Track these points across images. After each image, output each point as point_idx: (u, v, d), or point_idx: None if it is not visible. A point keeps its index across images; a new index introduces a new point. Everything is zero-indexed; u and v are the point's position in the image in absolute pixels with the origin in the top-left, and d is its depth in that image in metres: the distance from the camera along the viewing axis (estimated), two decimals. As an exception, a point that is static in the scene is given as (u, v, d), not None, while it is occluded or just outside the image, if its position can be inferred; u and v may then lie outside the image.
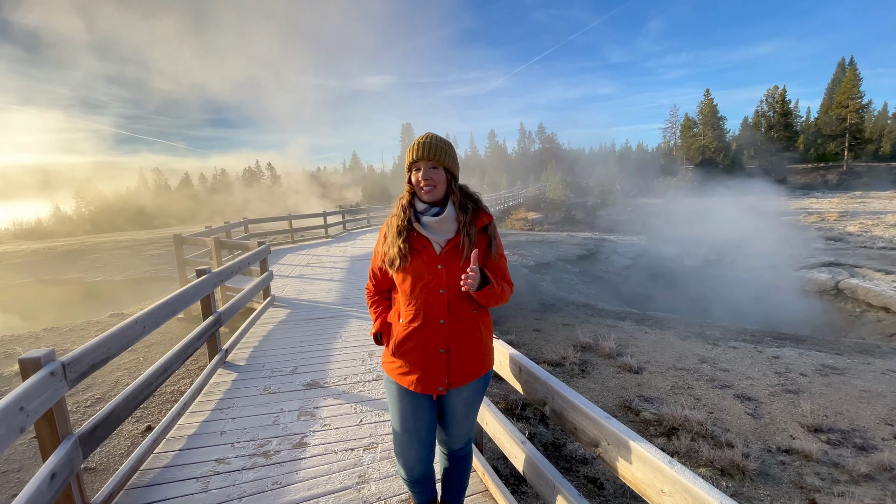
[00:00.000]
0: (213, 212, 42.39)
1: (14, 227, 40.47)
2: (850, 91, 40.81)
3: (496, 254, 1.67)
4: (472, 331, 1.66)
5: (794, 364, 6.08)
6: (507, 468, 3.24)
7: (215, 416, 3.11)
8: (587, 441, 1.54)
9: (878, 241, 16.92)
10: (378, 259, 1.73)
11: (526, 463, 2.07)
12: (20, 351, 6.39)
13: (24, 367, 1.80)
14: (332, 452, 2.64)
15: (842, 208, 25.44)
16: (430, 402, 1.70)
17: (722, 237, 18.92)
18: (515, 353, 2.06)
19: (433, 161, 1.57)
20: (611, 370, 5.81)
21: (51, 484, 1.74)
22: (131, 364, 5.48)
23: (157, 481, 2.38)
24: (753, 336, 7.67)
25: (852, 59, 42.85)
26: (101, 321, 8.09)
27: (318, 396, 3.40)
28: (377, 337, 1.79)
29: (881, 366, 6.12)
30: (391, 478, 2.40)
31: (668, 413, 4.43)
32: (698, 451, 3.82)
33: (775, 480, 3.55)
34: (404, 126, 64.46)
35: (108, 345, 2.29)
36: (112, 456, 3.48)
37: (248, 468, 2.49)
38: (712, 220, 23.06)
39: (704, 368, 5.91)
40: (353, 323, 5.33)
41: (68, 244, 20.23)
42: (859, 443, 4.10)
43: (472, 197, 1.68)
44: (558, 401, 1.69)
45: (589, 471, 3.54)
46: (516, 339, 7.06)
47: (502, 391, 4.69)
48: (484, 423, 2.50)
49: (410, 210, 1.63)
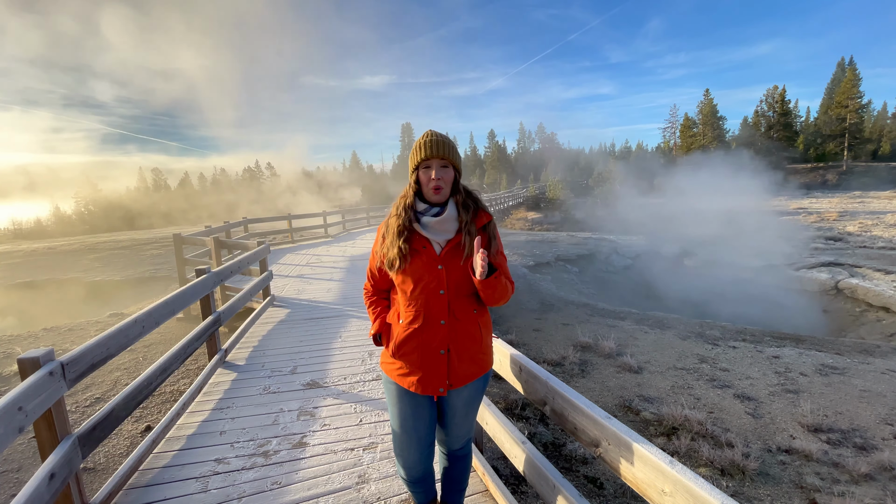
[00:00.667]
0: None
1: (13, 227, 40.46)
2: (849, 91, 40.84)
3: (496, 252, 1.65)
4: (473, 331, 1.65)
5: (794, 364, 6.08)
6: (507, 468, 3.24)
7: (215, 415, 3.10)
8: (588, 441, 1.54)
9: (878, 240, 16.93)
10: (376, 259, 1.72)
11: (526, 463, 2.07)
12: (19, 350, 6.38)
13: (23, 367, 1.80)
14: (332, 452, 2.64)
15: (841, 208, 25.45)
16: (429, 403, 1.69)
17: (721, 237, 18.92)
18: (515, 353, 2.06)
19: (445, 160, 1.55)
20: (611, 370, 5.81)
21: (50, 484, 1.73)
22: (131, 364, 5.47)
23: (156, 481, 2.37)
24: (753, 336, 7.67)
25: (852, 59, 42.88)
26: (100, 321, 8.09)
27: (318, 396, 3.39)
28: (377, 338, 1.77)
29: (881, 365, 6.12)
30: (391, 478, 2.39)
31: (668, 413, 4.43)
32: (698, 451, 3.81)
33: (775, 480, 3.54)
34: (404, 125, 64.44)
35: (107, 344, 2.28)
36: (111, 456, 3.48)
37: (247, 468, 2.48)
38: (712, 219, 23.06)
39: (704, 368, 5.91)
40: (352, 322, 5.32)
41: (67, 244, 20.21)
42: (859, 442, 4.10)
43: (473, 196, 1.67)
44: (559, 401, 1.69)
45: (589, 471, 3.54)
46: (516, 338, 7.05)
47: (502, 391, 4.69)
48: (484, 422, 2.50)
49: (411, 210, 1.62)
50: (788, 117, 44.69)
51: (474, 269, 1.50)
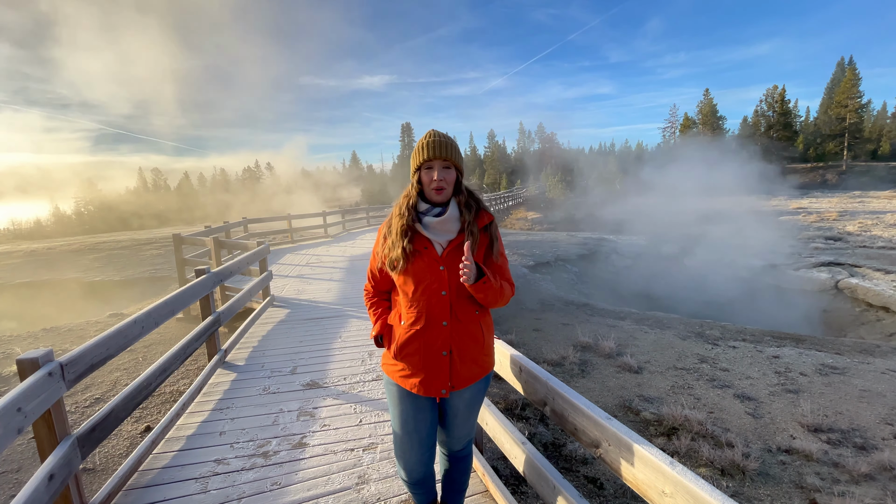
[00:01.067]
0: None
1: (13, 228, 40.46)
2: (849, 91, 40.85)
3: (497, 254, 1.65)
4: (475, 332, 1.64)
5: (794, 364, 6.08)
6: (507, 468, 3.23)
7: (214, 416, 3.10)
8: (588, 442, 1.53)
9: (878, 240, 16.91)
10: (377, 260, 1.71)
11: (526, 463, 2.06)
12: (19, 351, 6.38)
13: (22, 368, 1.79)
14: (332, 453, 2.63)
15: (841, 208, 25.45)
16: (431, 405, 1.69)
17: (721, 237, 18.93)
18: (516, 354, 2.05)
19: (447, 161, 1.55)
20: (611, 370, 5.80)
21: (49, 485, 1.73)
22: (130, 364, 5.47)
23: (155, 482, 2.37)
24: (753, 336, 7.67)
25: (851, 58, 42.90)
26: (100, 321, 8.08)
27: (318, 396, 3.39)
28: (378, 340, 1.76)
29: (881, 365, 6.11)
30: (391, 478, 2.39)
31: (668, 413, 4.43)
32: (698, 451, 3.81)
33: (776, 480, 3.54)
34: (404, 125, 64.36)
35: (106, 345, 2.28)
36: (111, 456, 3.47)
37: (247, 469, 2.48)
38: (711, 219, 23.06)
39: (704, 368, 5.91)
40: (352, 323, 5.32)
41: (67, 244, 20.20)
42: (859, 442, 4.10)
43: (475, 196, 1.67)
44: (559, 401, 1.69)
45: (589, 471, 3.54)
46: (516, 338, 7.05)
47: (502, 391, 4.69)
48: (484, 423, 2.50)
49: (414, 210, 1.61)
50: (788, 117, 44.70)
51: (461, 275, 1.49)
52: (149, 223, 39.03)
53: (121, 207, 45.81)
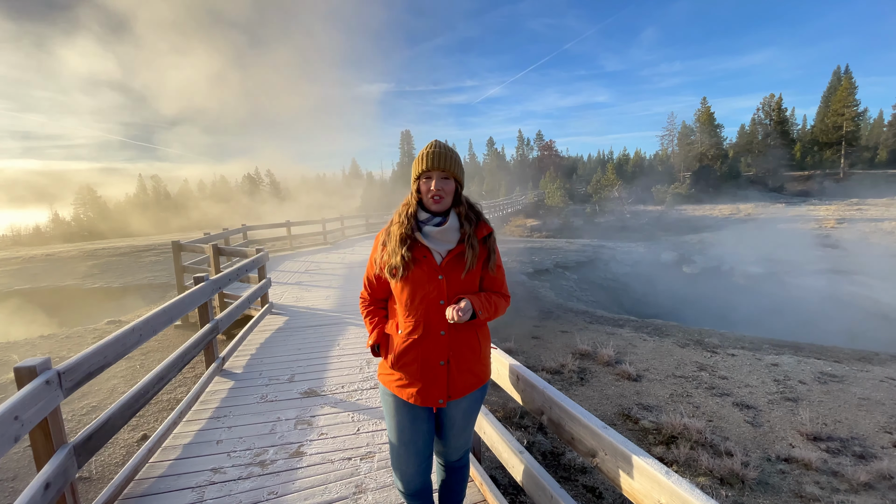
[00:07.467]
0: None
1: (12, 234, 40.44)
2: (845, 99, 41.23)
3: (494, 266, 1.66)
4: (472, 341, 1.65)
5: (793, 372, 6.07)
6: (505, 478, 3.22)
7: (211, 424, 3.09)
8: (585, 451, 1.54)
9: (876, 247, 16.97)
10: (374, 267, 1.71)
11: (524, 473, 2.06)
12: (16, 358, 6.35)
13: (20, 376, 1.79)
14: (329, 462, 2.62)
15: (839, 215, 25.56)
16: (428, 415, 1.69)
17: (719, 245, 18.98)
18: (514, 363, 2.06)
19: (446, 172, 1.57)
20: (609, 378, 5.79)
21: (45, 494, 1.73)
22: (128, 372, 5.45)
23: (152, 491, 2.36)
24: (752, 343, 7.67)
25: (847, 67, 43.42)
26: (98, 328, 8.05)
27: (316, 405, 3.38)
28: (374, 349, 1.75)
29: (880, 373, 6.11)
30: (388, 488, 2.38)
31: (667, 421, 4.41)
32: (697, 460, 3.80)
33: (775, 489, 3.53)
34: (404, 133, 64.75)
35: (104, 353, 2.28)
36: (107, 465, 3.45)
37: (244, 478, 2.46)
38: (709, 227, 23.13)
39: (703, 376, 5.90)
40: (350, 330, 5.31)
41: (66, 250, 20.17)
42: (858, 451, 4.09)
43: (475, 209, 1.69)
44: (556, 411, 1.69)
45: (588, 480, 3.52)
46: (515, 346, 7.04)
47: (500, 399, 4.67)
48: (482, 432, 2.49)
49: (413, 219, 1.62)
50: (785, 125, 45.06)
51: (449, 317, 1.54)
52: (147, 230, 38.98)
53: (122, 215, 45.81)
